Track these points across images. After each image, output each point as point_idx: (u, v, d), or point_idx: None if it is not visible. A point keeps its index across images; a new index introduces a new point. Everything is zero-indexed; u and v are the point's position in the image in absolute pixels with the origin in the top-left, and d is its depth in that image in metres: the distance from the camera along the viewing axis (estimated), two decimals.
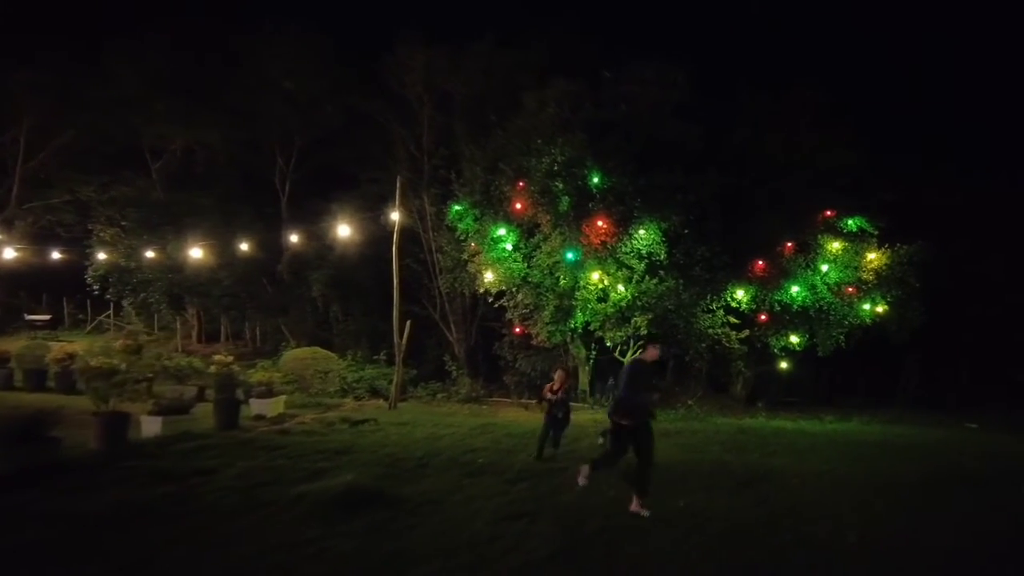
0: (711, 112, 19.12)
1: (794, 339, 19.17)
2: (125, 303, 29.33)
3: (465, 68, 23.91)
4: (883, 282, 18.83)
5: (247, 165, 29.95)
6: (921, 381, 25.04)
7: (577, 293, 17.55)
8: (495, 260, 18.84)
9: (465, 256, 19.96)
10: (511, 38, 23.81)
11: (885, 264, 18.83)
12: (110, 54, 25.02)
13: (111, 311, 32.17)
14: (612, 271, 17.03)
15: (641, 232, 16.64)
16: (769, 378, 21.54)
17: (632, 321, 16.92)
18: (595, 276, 17.13)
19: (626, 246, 16.82)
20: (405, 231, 26.77)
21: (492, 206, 19.13)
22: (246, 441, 11.57)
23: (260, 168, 29.94)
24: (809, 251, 18.83)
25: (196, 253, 24.45)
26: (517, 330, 20.48)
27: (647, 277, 16.91)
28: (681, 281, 16.75)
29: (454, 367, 21.49)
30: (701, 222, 17.28)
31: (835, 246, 18.84)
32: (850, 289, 18.79)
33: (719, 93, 20.72)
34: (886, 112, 23.41)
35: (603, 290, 17.45)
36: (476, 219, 19.55)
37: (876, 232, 19.08)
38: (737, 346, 17.66)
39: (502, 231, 18.72)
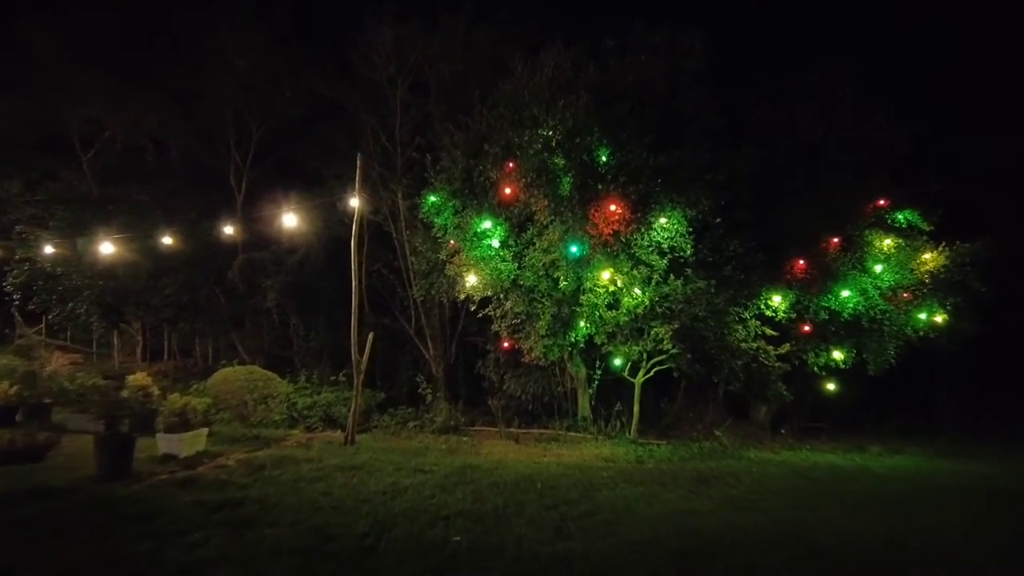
0: (730, 86, 15.94)
1: (838, 355, 15.95)
2: (51, 315, 25.49)
3: (442, 45, 20.70)
4: (940, 286, 15.71)
5: (199, 160, 26.42)
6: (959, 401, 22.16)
7: (582, 297, 14.19)
8: (479, 260, 15.47)
9: (443, 256, 16.56)
10: (495, 9, 20.66)
11: (942, 265, 15.72)
12: (30, 27, 21.48)
13: (43, 325, 28.27)
14: (626, 269, 13.68)
15: (662, 221, 13.33)
16: (794, 401, 18.26)
17: (650, 333, 13.60)
18: (605, 276, 13.78)
19: (643, 238, 13.50)
20: (376, 233, 23.63)
21: (475, 195, 15.79)
22: (117, 502, 8.08)
23: (214, 163, 26.47)
24: (855, 248, 15.67)
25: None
26: (505, 345, 17.06)
27: (671, 277, 13.58)
28: (713, 282, 13.41)
29: (429, 390, 17.96)
30: (732, 209, 13.99)
31: (887, 243, 15.72)
32: (906, 295, 15.65)
33: (737, 67, 17.60)
34: (935, 88, 20.27)
35: (613, 294, 14.09)
36: (456, 211, 16.18)
37: (929, 228, 15.99)
38: (776, 364, 14.34)
39: (487, 224, 15.37)
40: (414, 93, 22.10)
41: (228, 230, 20.79)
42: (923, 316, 15.86)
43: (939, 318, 15.91)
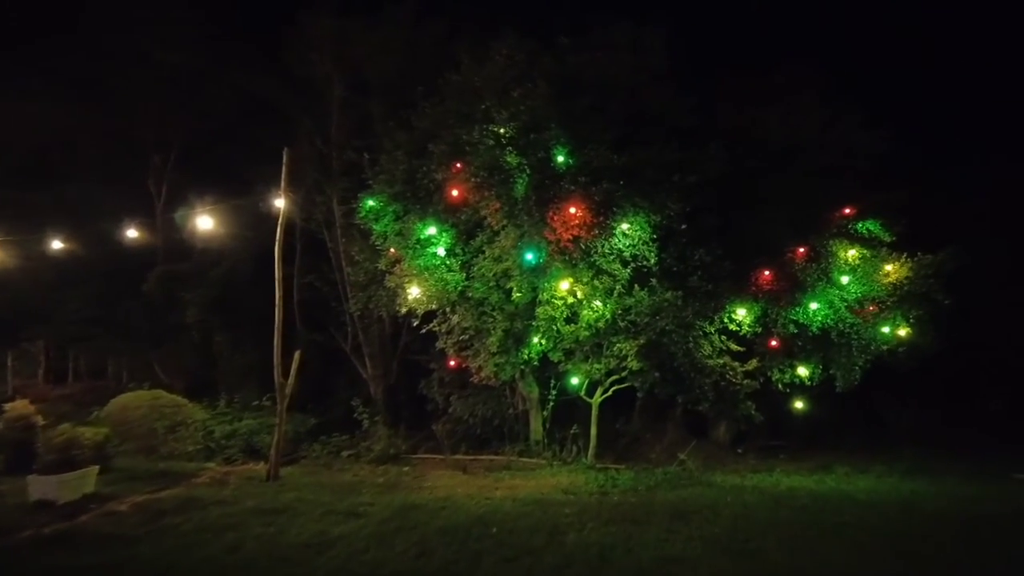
0: (694, 88, 15.00)
1: (803, 371, 15.06)
2: None
3: (384, 40, 19.22)
4: (904, 299, 15.08)
5: (115, 162, 24.04)
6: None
7: (538, 310, 12.83)
8: (422, 269, 13.97)
9: (382, 266, 14.97)
10: (441, 3, 19.38)
11: (905, 277, 15.09)
12: None
13: None
14: (586, 279, 12.42)
15: (624, 227, 12.13)
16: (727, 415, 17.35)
17: (612, 349, 12.37)
18: (564, 286, 12.47)
19: (604, 246, 12.27)
20: (311, 243, 21.81)
21: (418, 199, 14.30)
22: None
23: (131, 166, 24.16)
24: (820, 259, 14.88)
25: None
26: (451, 364, 15.55)
27: (636, 287, 12.37)
28: (680, 293, 12.27)
29: (366, 415, 16.20)
30: (698, 216, 12.94)
31: (851, 253, 15.00)
32: (872, 307, 14.93)
33: (700, 68, 16.78)
34: (898, 98, 19.93)
35: (571, 306, 12.79)
36: (397, 217, 14.64)
37: (891, 238, 15.39)
38: (745, 381, 13.30)
39: (432, 230, 13.89)
40: (353, 92, 20.50)
41: (139, 236, 18.73)
42: (886, 330, 15.19)
43: (903, 331, 15.27)
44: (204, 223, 13.61)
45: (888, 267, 15.19)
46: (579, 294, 12.51)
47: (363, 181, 15.83)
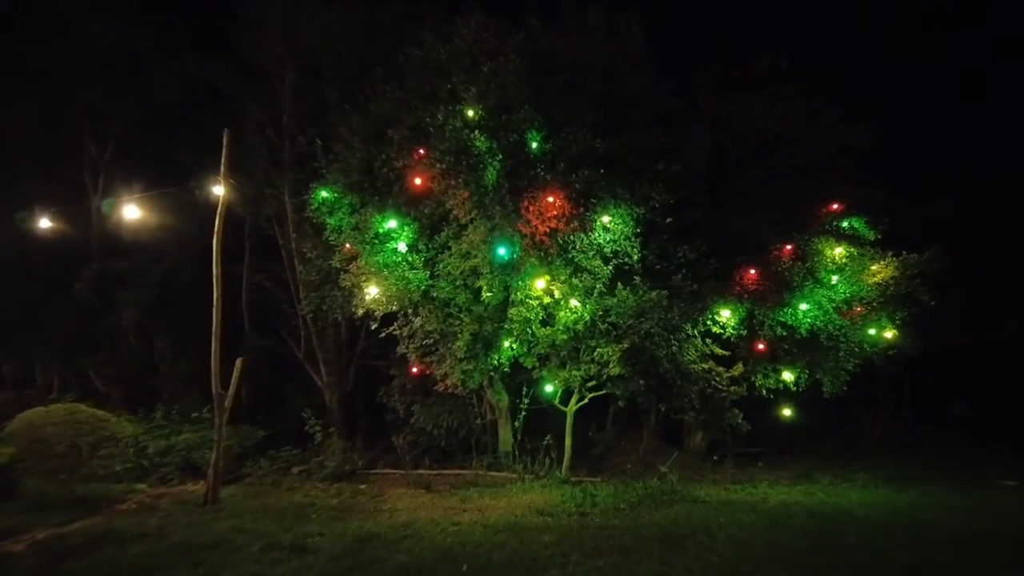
0: (673, 75, 14.05)
1: (788, 376, 14.25)
2: None
3: (340, 22, 17.83)
4: (890, 300, 14.42)
5: (45, 152, 21.99)
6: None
7: (511, 311, 11.66)
8: (381, 267, 12.67)
9: (335, 262, 13.60)
10: None
11: (891, 277, 14.42)
12: None
13: None
14: (564, 277, 11.30)
15: (605, 220, 11.05)
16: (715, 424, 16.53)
17: (592, 354, 11.26)
18: (539, 284, 11.31)
19: (583, 240, 11.18)
20: (260, 240, 20.28)
21: (376, 189, 13.02)
22: None
23: (64, 157, 22.14)
24: (806, 258, 14.09)
25: None
26: (414, 370, 14.28)
27: (620, 286, 11.28)
28: (665, 292, 11.23)
29: (318, 428, 14.76)
30: (682, 209, 11.94)
31: (838, 252, 14.25)
32: (859, 308, 14.21)
33: (678, 57, 15.84)
34: (882, 92, 19.35)
35: (546, 307, 11.64)
36: (353, 209, 13.32)
37: (875, 237, 14.73)
38: (731, 388, 12.36)
39: (392, 223, 12.62)
40: (307, 79, 19.03)
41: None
42: (872, 331, 14.50)
43: (889, 334, 14.62)
44: (132, 212, 12.02)
45: (874, 267, 14.51)
46: (556, 293, 11.37)
47: (317, 172, 14.46)
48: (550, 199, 10.64)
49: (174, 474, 12.99)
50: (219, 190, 11.45)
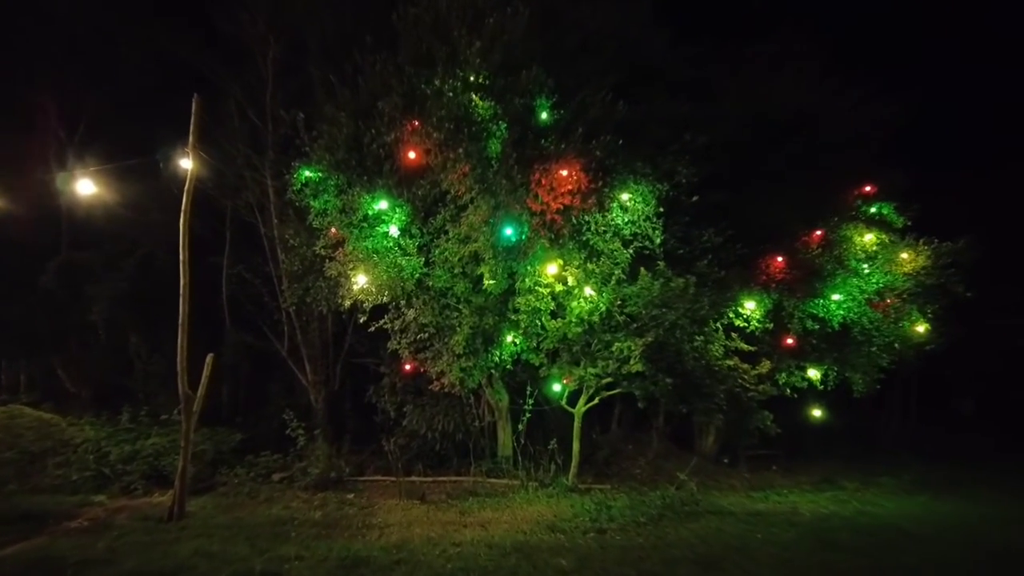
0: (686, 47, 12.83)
1: (813, 373, 13.11)
2: None
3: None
4: (923, 291, 13.31)
5: (8, 135, 20.52)
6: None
7: (517, 300, 10.38)
8: (370, 253, 11.37)
9: (318, 248, 12.29)
10: None
11: (922, 267, 13.30)
12: None
13: None
14: (577, 262, 10.05)
15: (624, 198, 9.82)
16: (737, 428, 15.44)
17: (611, 349, 9.99)
18: (551, 270, 10.04)
19: (597, 220, 9.94)
20: (242, 228, 18.97)
21: (365, 168, 11.69)
22: None
23: (30, 141, 20.71)
24: (833, 245, 12.93)
25: None
26: (406, 368, 13.01)
27: (642, 272, 10.00)
28: (693, 278, 9.98)
29: (300, 431, 13.45)
30: (706, 189, 10.70)
31: (867, 239, 13.11)
32: (890, 299, 13.08)
33: (690, 32, 14.63)
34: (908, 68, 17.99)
35: (554, 296, 10.34)
36: (340, 190, 11.97)
37: (903, 223, 13.63)
38: (759, 387, 11.16)
39: (382, 204, 11.30)
40: (291, 58, 17.69)
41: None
42: (903, 324, 13.39)
43: (921, 328, 13.52)
44: (87, 187, 10.66)
45: (904, 255, 13.38)
46: (570, 280, 10.08)
47: (300, 151, 13.14)
48: (563, 172, 9.37)
49: (139, 483, 11.64)
50: (187, 163, 10.13)
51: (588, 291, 10.00)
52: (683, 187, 10.23)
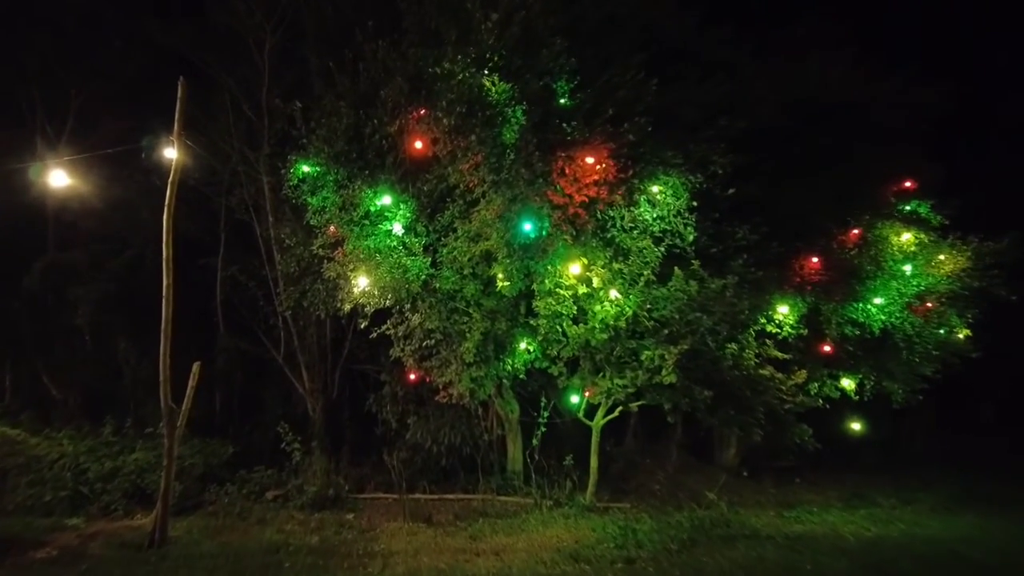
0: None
1: (847, 383, 12.20)
2: None
3: None
4: (962, 294, 12.43)
5: None
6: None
7: (536, 303, 9.45)
8: (372, 253, 10.44)
9: (315, 248, 11.38)
10: None
11: (963, 268, 12.40)
12: None
13: None
14: (603, 261, 9.13)
15: (655, 189, 8.91)
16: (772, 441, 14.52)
17: (641, 357, 9.05)
18: (574, 270, 9.10)
19: (622, 216, 9.03)
20: (237, 228, 18.09)
21: (366, 160, 10.81)
22: None
23: (14, 136, 19.88)
24: (869, 245, 12.03)
25: None
26: (411, 377, 12.09)
27: (676, 272, 9.06)
28: (734, 278, 9.06)
29: (296, 444, 12.51)
30: (741, 180, 9.77)
31: (904, 238, 12.20)
32: (930, 303, 12.19)
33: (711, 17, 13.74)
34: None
35: (575, 298, 9.38)
36: (339, 185, 11.05)
37: (940, 222, 12.75)
38: (799, 399, 10.21)
39: (385, 200, 10.39)
40: (289, 48, 16.85)
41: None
42: (941, 331, 12.51)
43: (961, 334, 12.64)
44: (56, 179, 9.76)
45: (942, 255, 12.46)
46: (595, 281, 9.14)
47: (297, 143, 12.26)
48: (589, 159, 8.44)
49: (120, 503, 10.67)
50: (172, 152, 9.23)
51: (613, 294, 9.07)
52: (717, 178, 9.31)
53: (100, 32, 18.26)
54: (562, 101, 9.12)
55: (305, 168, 11.41)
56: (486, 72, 8.73)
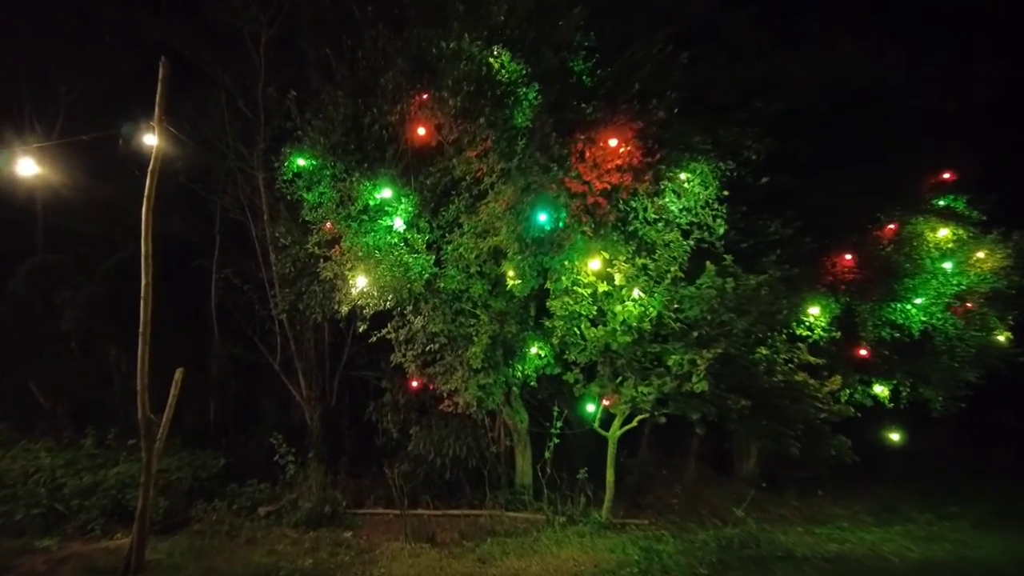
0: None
1: (880, 389, 11.36)
2: None
3: None
4: (1010, 292, 11.65)
5: None
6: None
7: (552, 303, 8.64)
8: (371, 250, 9.66)
9: (310, 246, 10.62)
10: None
11: (1002, 266, 11.59)
12: None
13: None
14: (625, 256, 8.33)
15: (683, 177, 8.12)
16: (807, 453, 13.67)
17: (666, 364, 8.23)
18: (594, 265, 8.28)
19: (645, 207, 8.24)
20: (231, 229, 17.39)
21: (365, 152, 10.06)
22: None
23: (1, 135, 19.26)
24: (903, 242, 11.22)
25: None
26: (413, 385, 11.29)
27: (709, 268, 8.22)
28: (776, 274, 8.27)
29: (290, 456, 11.72)
30: (774, 169, 8.99)
31: (942, 234, 11.39)
32: (969, 304, 11.38)
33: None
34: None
35: (593, 297, 8.57)
36: (336, 179, 10.29)
37: (977, 216, 11.93)
38: (835, 407, 9.36)
39: (386, 193, 9.62)
40: (285, 43, 16.17)
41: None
42: (980, 334, 11.69)
43: (1001, 336, 11.81)
44: (25, 168, 9.00)
45: (980, 253, 11.65)
46: (617, 279, 8.33)
47: (294, 138, 11.53)
48: (612, 141, 7.65)
49: (98, 522, 9.86)
50: (152, 139, 8.48)
51: (637, 292, 8.26)
52: (749, 165, 8.53)
53: (92, 28, 17.67)
54: (583, 79, 8.33)
55: (300, 161, 10.69)
56: (497, 48, 7.94)
